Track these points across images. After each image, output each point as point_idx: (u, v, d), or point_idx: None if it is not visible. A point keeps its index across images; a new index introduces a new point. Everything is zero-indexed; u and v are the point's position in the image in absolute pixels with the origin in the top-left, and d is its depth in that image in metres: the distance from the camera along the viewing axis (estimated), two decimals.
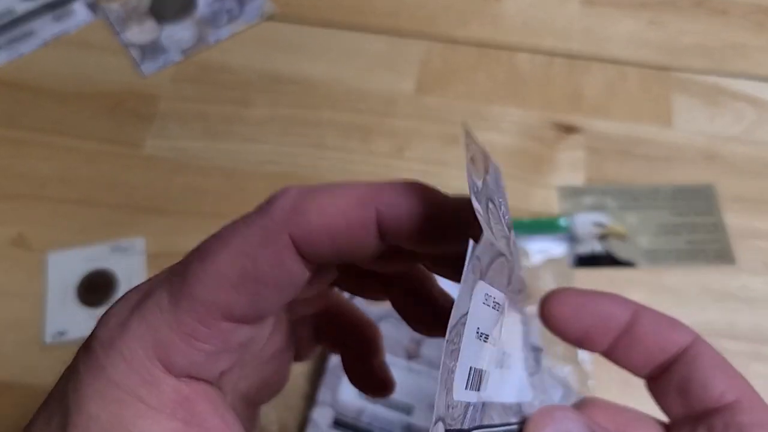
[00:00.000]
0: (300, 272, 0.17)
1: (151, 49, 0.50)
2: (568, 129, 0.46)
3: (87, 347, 0.17)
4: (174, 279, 0.16)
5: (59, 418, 0.16)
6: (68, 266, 0.42)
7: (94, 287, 0.41)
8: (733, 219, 0.43)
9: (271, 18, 0.51)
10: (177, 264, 0.17)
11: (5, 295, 0.41)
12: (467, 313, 0.14)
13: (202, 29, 0.51)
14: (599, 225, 0.43)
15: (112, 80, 0.49)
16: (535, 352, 0.39)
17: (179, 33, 0.51)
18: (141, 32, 0.51)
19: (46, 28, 0.51)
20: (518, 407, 0.19)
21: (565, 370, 0.38)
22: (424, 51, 0.50)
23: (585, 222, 0.43)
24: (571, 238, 0.42)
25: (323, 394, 0.37)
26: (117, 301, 0.17)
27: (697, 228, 0.43)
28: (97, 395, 0.16)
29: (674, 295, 0.40)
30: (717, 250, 0.42)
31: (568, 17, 0.51)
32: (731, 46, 0.50)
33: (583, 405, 0.20)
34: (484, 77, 0.49)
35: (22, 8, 0.51)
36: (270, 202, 0.17)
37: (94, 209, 0.44)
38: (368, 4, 0.52)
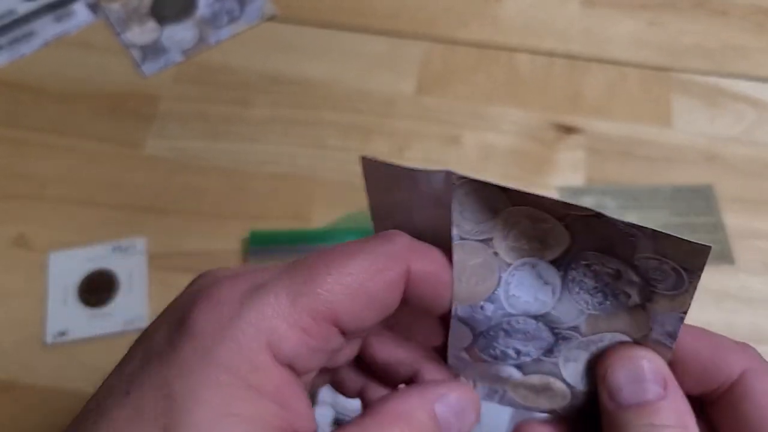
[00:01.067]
0: (396, 302, 0.20)
1: (152, 50, 0.50)
2: (568, 129, 0.46)
3: (185, 330, 0.17)
4: (295, 276, 0.18)
5: (162, 400, 0.16)
6: (69, 266, 0.42)
7: (95, 287, 0.41)
8: (733, 219, 0.43)
9: (271, 19, 0.51)
10: (296, 263, 0.19)
11: (6, 295, 0.41)
12: None
13: (202, 30, 0.51)
14: None
15: (112, 81, 0.49)
16: None
17: (180, 33, 0.51)
18: (142, 33, 0.51)
19: (47, 29, 0.51)
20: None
21: None
22: (424, 52, 0.50)
23: None
24: None
25: (323, 394, 0.37)
26: (215, 286, 0.18)
27: (696, 228, 0.43)
28: (209, 380, 0.17)
29: None
30: (716, 251, 0.42)
31: (568, 18, 0.51)
32: (731, 47, 0.50)
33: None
34: (484, 78, 0.49)
35: (23, 9, 0.52)
36: (389, 235, 0.20)
37: (94, 209, 0.44)
38: (368, 5, 0.52)
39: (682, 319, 0.19)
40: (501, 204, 0.19)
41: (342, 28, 0.51)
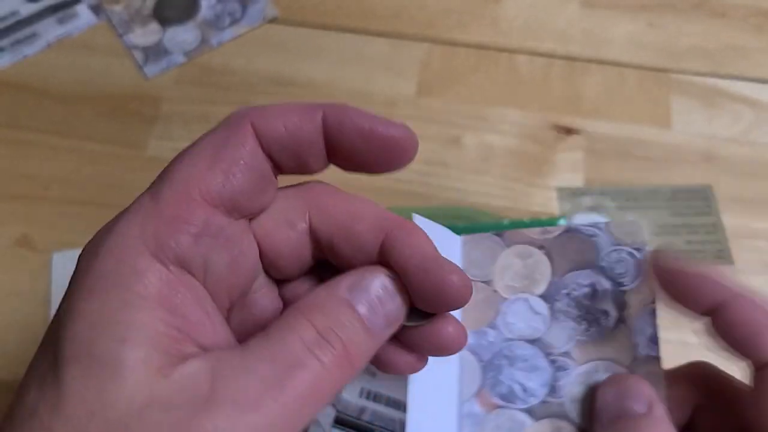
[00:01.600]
0: (263, 159, 0.19)
1: (155, 52, 0.50)
2: (568, 130, 0.47)
3: (77, 263, 0.17)
4: (153, 183, 0.18)
5: (53, 326, 0.17)
6: (72, 267, 0.42)
7: None
8: (732, 219, 0.43)
9: (273, 20, 0.52)
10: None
11: (10, 295, 0.41)
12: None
13: (204, 32, 0.51)
14: None
15: (115, 82, 0.49)
16: None
17: (182, 35, 0.51)
18: (144, 35, 0.51)
19: (50, 31, 0.51)
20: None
21: None
22: (424, 53, 0.50)
23: (584, 222, 0.43)
24: None
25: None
26: (100, 229, 0.18)
27: (695, 228, 0.43)
28: (85, 291, 0.16)
29: None
30: (716, 251, 0.42)
31: (567, 19, 0.52)
32: (730, 48, 0.50)
33: None
34: (484, 79, 0.49)
35: (26, 10, 0.52)
36: (230, 114, 0.19)
37: (98, 210, 0.44)
38: (369, 7, 0.52)
39: (654, 311, 0.23)
40: (498, 249, 0.25)
41: (343, 30, 0.51)
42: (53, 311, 0.40)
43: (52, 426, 0.15)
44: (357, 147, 0.19)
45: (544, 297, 0.24)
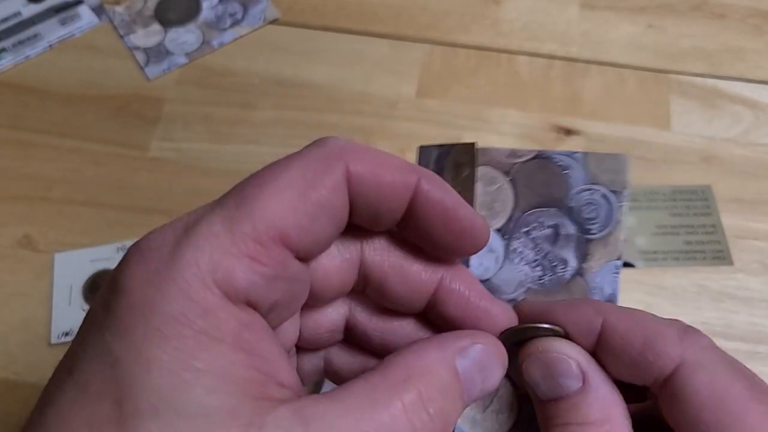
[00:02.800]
0: (347, 209, 0.17)
1: (156, 53, 0.50)
2: (568, 131, 0.47)
3: (117, 289, 0.15)
4: (227, 204, 0.16)
5: (107, 370, 0.14)
6: (74, 267, 0.42)
7: (100, 288, 0.42)
8: (731, 220, 0.43)
9: (274, 22, 0.52)
10: (226, 194, 0.16)
11: (12, 296, 0.42)
12: None
13: (206, 33, 0.51)
14: None
15: (117, 83, 0.49)
16: None
17: (183, 36, 0.51)
18: (146, 36, 0.51)
19: (52, 32, 0.51)
20: None
21: None
22: (425, 54, 0.50)
23: None
24: None
25: (326, 388, 0.37)
26: (145, 238, 0.16)
27: (695, 229, 0.43)
28: (154, 334, 0.14)
29: (672, 295, 0.41)
30: (715, 251, 0.42)
31: (567, 21, 0.52)
32: (729, 50, 0.50)
33: None
34: (485, 80, 0.49)
35: (28, 11, 0.52)
36: (321, 140, 0.18)
37: (99, 210, 0.44)
38: (370, 8, 0.52)
39: (618, 269, 0.21)
40: (468, 165, 0.22)
41: (344, 31, 0.51)
42: (55, 311, 0.41)
43: None
44: (433, 221, 0.18)
45: (501, 232, 0.22)
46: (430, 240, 0.19)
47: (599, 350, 0.19)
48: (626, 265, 0.42)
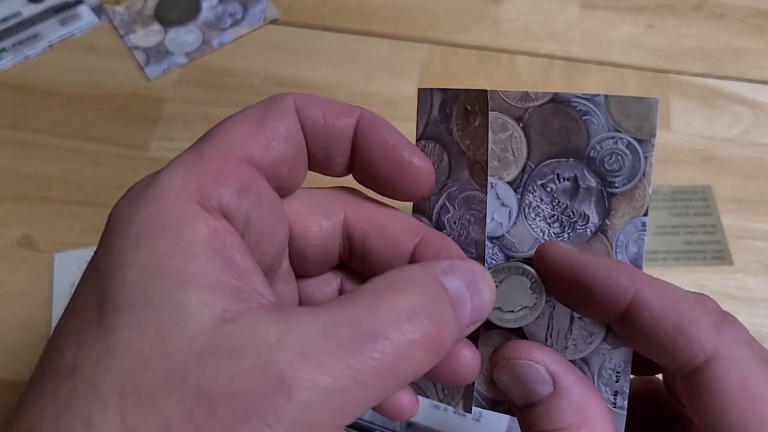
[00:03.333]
0: (301, 137, 0.19)
1: (156, 53, 0.50)
2: None
3: (109, 219, 0.16)
4: (193, 146, 0.18)
5: (92, 284, 0.15)
6: (74, 267, 0.42)
7: None
8: (731, 220, 0.43)
9: (273, 22, 0.52)
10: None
11: (12, 296, 0.42)
12: None
13: (206, 33, 0.51)
14: None
15: (117, 83, 0.49)
16: None
17: (183, 36, 0.51)
18: (146, 36, 0.51)
19: (52, 32, 0.51)
20: None
21: None
22: (425, 54, 0.50)
23: None
24: None
25: None
26: (131, 188, 0.17)
27: (695, 229, 0.43)
28: (131, 239, 0.15)
29: None
30: (715, 251, 0.42)
31: (567, 21, 0.52)
32: (729, 50, 0.50)
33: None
34: (485, 80, 0.49)
35: (28, 11, 0.52)
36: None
37: (99, 210, 0.44)
38: (370, 8, 0.52)
39: (644, 226, 0.19)
40: (479, 114, 0.20)
41: (344, 31, 0.51)
42: (55, 311, 0.41)
43: (98, 381, 0.14)
44: (377, 159, 0.19)
45: (513, 184, 0.20)
46: (377, 181, 0.20)
47: (625, 323, 0.18)
48: None
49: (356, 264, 0.21)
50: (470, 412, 0.22)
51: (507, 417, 0.37)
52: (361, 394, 0.14)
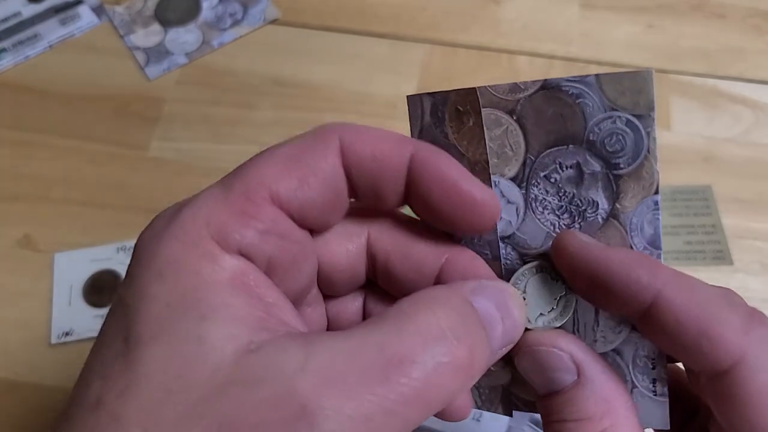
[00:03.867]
0: (341, 178, 0.18)
1: (156, 53, 0.50)
2: None
3: (135, 248, 0.17)
4: (224, 179, 0.17)
5: (119, 316, 0.15)
6: (74, 267, 0.42)
7: (100, 288, 0.42)
8: (731, 220, 0.43)
9: (274, 22, 0.52)
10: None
11: (12, 296, 0.42)
12: None
13: (206, 33, 0.51)
14: None
15: (117, 83, 0.49)
16: None
17: (184, 36, 0.51)
18: (146, 36, 0.51)
19: (52, 32, 0.51)
20: None
21: None
22: (425, 54, 0.50)
23: None
24: None
25: None
26: (157, 217, 0.17)
27: (695, 229, 0.43)
28: (154, 275, 0.15)
29: None
30: (715, 251, 0.42)
31: (567, 21, 0.52)
32: (729, 50, 0.50)
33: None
34: (485, 80, 0.49)
35: (28, 11, 0.52)
36: (318, 126, 0.18)
37: (99, 210, 0.44)
38: (370, 8, 0.52)
39: (657, 204, 0.18)
40: (471, 113, 0.19)
41: (344, 31, 0.51)
42: (55, 311, 0.41)
43: (121, 413, 0.14)
44: (435, 197, 0.18)
45: (516, 180, 0.19)
46: (437, 216, 0.18)
47: (647, 322, 0.17)
48: None
49: (382, 282, 0.20)
50: (511, 416, 0.21)
51: (507, 417, 0.37)
52: (388, 423, 0.14)
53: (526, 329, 0.19)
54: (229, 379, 0.14)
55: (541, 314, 0.19)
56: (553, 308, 0.19)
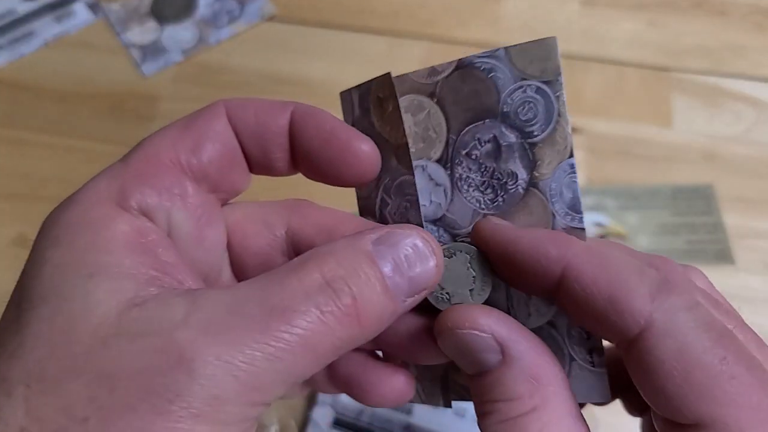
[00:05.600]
0: (234, 140, 0.19)
1: (152, 50, 0.50)
2: None
3: (40, 229, 0.17)
4: (124, 155, 0.18)
5: (17, 285, 0.16)
6: None
7: None
8: (733, 219, 0.43)
9: (271, 18, 0.51)
10: None
11: (7, 294, 0.41)
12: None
13: (202, 30, 0.51)
14: (599, 225, 0.43)
15: (112, 81, 0.49)
16: None
17: (180, 33, 0.51)
18: (142, 33, 0.51)
19: (47, 29, 0.51)
20: None
21: None
22: (424, 51, 0.50)
23: (585, 222, 0.43)
24: None
25: (323, 394, 0.37)
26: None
27: (696, 228, 0.43)
28: (51, 241, 0.16)
29: None
30: (716, 251, 0.42)
31: (567, 18, 0.51)
32: (730, 47, 0.50)
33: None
34: None
35: (23, 9, 0.52)
36: None
37: None
38: (368, 4, 0.52)
39: (573, 167, 0.18)
40: (390, 98, 0.20)
41: (342, 28, 0.51)
42: None
43: (7, 374, 0.14)
44: (315, 149, 0.19)
45: (442, 161, 0.19)
46: (323, 171, 0.19)
47: (561, 296, 0.17)
48: None
49: None
50: (450, 407, 0.21)
51: None
52: (271, 368, 0.14)
53: (447, 307, 0.18)
54: (111, 332, 0.14)
55: (461, 290, 0.19)
56: (473, 287, 0.19)
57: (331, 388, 0.22)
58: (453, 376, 0.21)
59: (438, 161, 0.19)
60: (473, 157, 0.19)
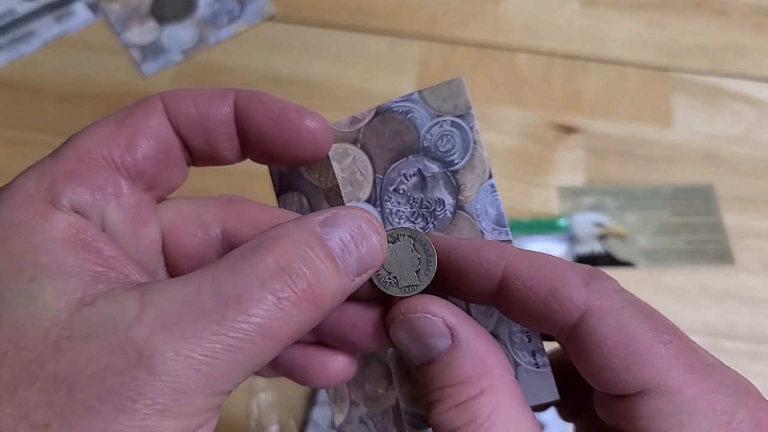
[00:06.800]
0: (172, 135, 0.18)
1: (152, 50, 0.50)
2: (568, 129, 0.46)
3: None
4: (53, 152, 0.17)
5: None
6: None
7: None
8: (733, 219, 0.43)
9: (271, 18, 0.51)
10: None
11: None
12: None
13: (202, 30, 0.51)
14: (599, 225, 0.43)
15: (112, 80, 0.49)
16: None
17: (180, 33, 0.51)
18: (142, 33, 0.51)
19: (47, 29, 0.51)
20: None
21: None
22: (424, 51, 0.50)
23: (585, 222, 0.43)
24: (571, 238, 0.43)
25: (323, 394, 0.37)
26: None
27: (696, 228, 0.43)
28: None
29: (674, 295, 0.40)
30: (716, 250, 0.42)
31: (567, 18, 0.51)
32: (730, 47, 0.50)
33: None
34: (484, 78, 0.49)
35: (23, 9, 0.52)
36: None
37: None
38: (368, 4, 0.52)
39: (493, 187, 0.20)
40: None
41: (342, 28, 0.51)
42: None
43: None
44: (266, 132, 0.19)
45: (371, 201, 0.21)
46: (276, 153, 0.19)
47: (502, 298, 0.18)
48: (627, 264, 0.42)
49: None
50: None
51: None
52: (232, 359, 0.14)
53: (399, 298, 0.19)
54: (63, 334, 0.14)
55: (407, 272, 0.20)
56: (419, 267, 0.20)
57: (271, 373, 0.22)
58: (404, 406, 0.22)
59: (367, 201, 0.21)
60: (401, 191, 0.21)
